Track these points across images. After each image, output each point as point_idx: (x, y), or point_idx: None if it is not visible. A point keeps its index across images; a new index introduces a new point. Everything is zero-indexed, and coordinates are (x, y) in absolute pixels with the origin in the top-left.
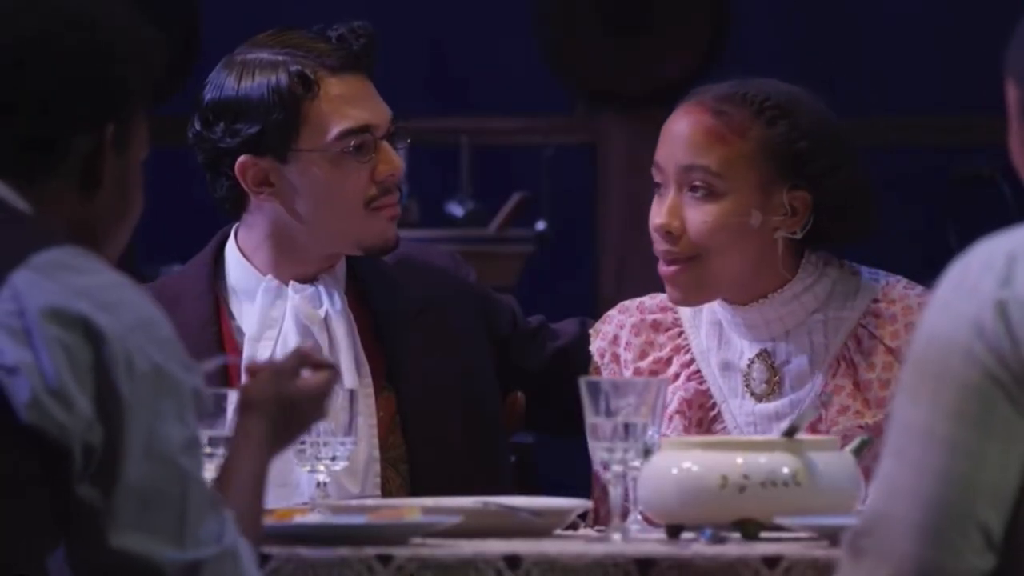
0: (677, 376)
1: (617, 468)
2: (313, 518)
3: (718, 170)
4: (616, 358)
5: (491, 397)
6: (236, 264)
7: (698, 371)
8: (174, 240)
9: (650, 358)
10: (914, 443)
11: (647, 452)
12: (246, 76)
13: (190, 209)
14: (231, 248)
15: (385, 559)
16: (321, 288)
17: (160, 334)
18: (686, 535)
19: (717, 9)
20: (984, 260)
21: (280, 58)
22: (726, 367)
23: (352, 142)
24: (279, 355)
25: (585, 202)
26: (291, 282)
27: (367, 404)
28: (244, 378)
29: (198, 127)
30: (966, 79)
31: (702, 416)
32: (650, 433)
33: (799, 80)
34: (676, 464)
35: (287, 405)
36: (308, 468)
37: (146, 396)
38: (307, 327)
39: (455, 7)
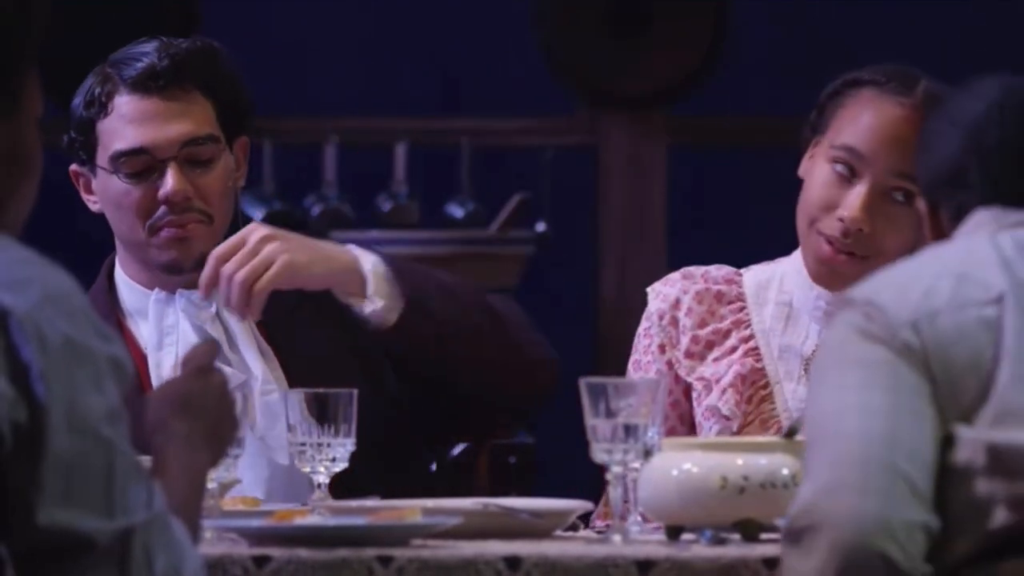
0: (734, 349)
1: (617, 469)
2: (313, 519)
3: None
4: (675, 322)
5: (387, 372)
6: (124, 287)
7: (756, 348)
8: None
9: (710, 328)
10: (829, 423)
11: (647, 453)
12: (80, 88)
13: None
14: (118, 273)
15: (385, 560)
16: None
17: (70, 306)
18: (686, 536)
19: (717, 9)
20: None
21: (100, 72)
22: (786, 349)
23: (124, 164)
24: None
25: (585, 203)
26: (179, 290)
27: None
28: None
29: None
30: (966, 79)
31: (753, 394)
32: (650, 434)
33: (800, 81)
34: (676, 465)
35: (213, 402)
36: (308, 469)
37: (61, 370)
38: (201, 327)
39: (455, 7)
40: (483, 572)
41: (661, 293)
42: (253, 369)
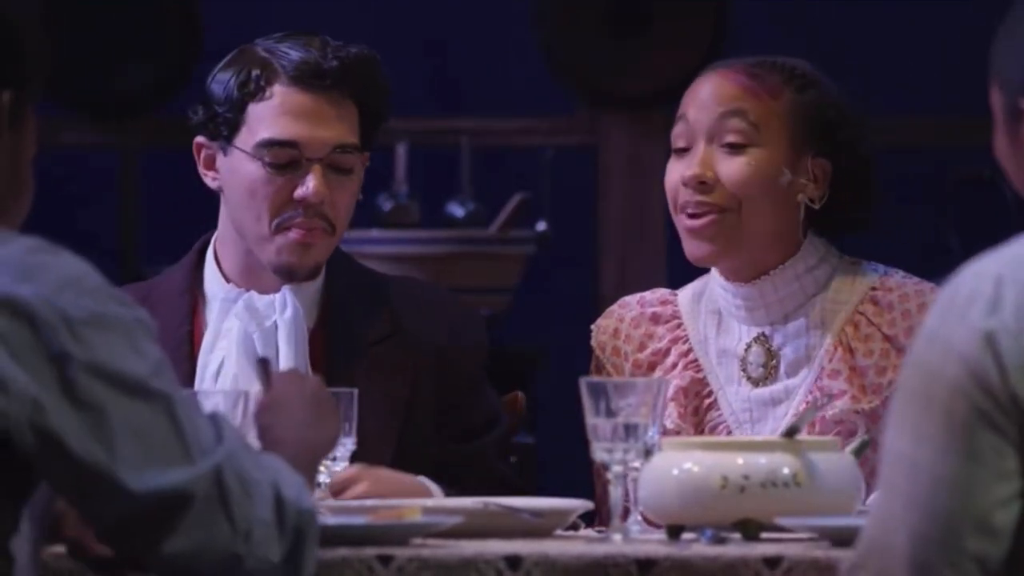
0: (675, 365)
1: (617, 468)
2: None
3: (755, 120)
4: (617, 351)
5: (427, 435)
6: (209, 270)
7: (695, 360)
8: (174, 240)
9: (649, 349)
10: (902, 474)
11: (647, 452)
12: (226, 65)
13: (190, 209)
14: (209, 253)
15: (385, 559)
16: (277, 298)
17: (88, 284)
18: (687, 536)
19: (717, 9)
20: (972, 286)
21: (257, 55)
22: (723, 354)
23: (270, 153)
24: (226, 368)
25: (585, 202)
26: (251, 292)
27: None
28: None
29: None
30: (966, 79)
31: (698, 404)
32: (650, 433)
33: None
34: (677, 465)
35: (313, 401)
36: None
37: (97, 345)
38: (250, 336)
39: (455, 7)
40: (483, 571)
41: (601, 327)
42: None
